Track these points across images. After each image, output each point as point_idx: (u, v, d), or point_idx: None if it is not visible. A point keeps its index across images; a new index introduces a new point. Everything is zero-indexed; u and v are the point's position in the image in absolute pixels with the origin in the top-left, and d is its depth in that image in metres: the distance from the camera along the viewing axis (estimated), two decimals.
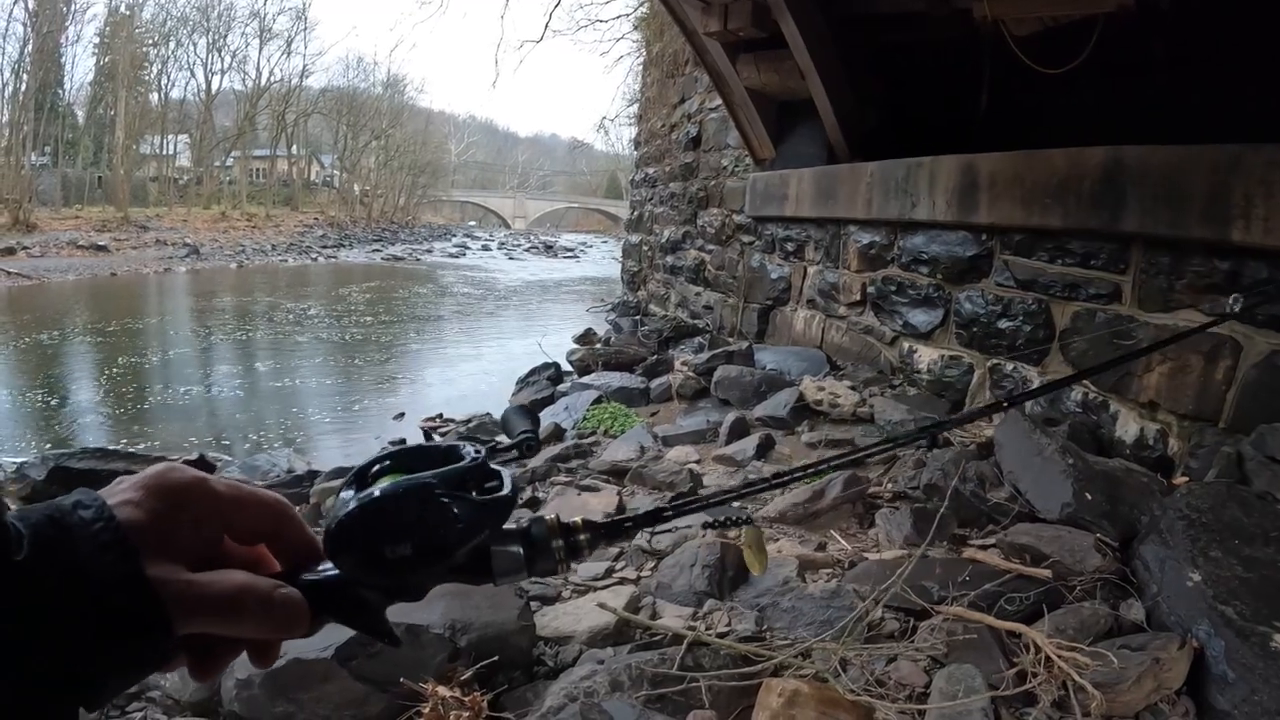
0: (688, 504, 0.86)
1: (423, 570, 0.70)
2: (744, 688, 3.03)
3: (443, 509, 0.70)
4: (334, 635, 3.19)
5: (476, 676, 3.15)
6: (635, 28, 20.33)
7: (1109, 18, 6.20)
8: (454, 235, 71.64)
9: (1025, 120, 7.23)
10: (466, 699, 2.95)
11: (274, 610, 0.66)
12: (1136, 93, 6.43)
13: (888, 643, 3.35)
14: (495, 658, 3.23)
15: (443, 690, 2.93)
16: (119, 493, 0.64)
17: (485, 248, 58.95)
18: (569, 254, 54.70)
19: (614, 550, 4.61)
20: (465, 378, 14.04)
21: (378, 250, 52.07)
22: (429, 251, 53.48)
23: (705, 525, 4.58)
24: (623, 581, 4.28)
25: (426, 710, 2.92)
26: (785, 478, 1.01)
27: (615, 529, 0.79)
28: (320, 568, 0.72)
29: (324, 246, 51.68)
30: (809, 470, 1.08)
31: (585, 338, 14.65)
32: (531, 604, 3.90)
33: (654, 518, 0.83)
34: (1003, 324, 6.30)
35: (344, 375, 14.68)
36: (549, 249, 58.02)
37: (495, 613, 3.45)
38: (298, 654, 3.16)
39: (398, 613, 3.16)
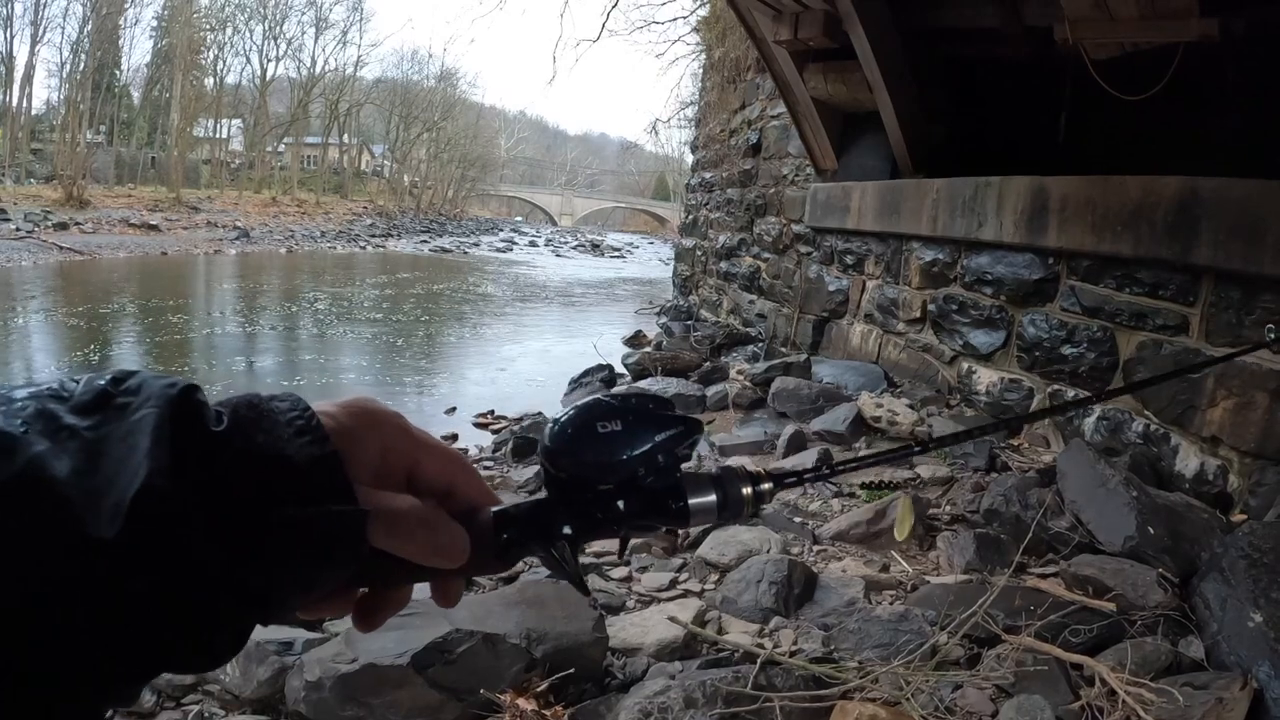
0: (846, 463, 0.90)
1: (622, 489, 0.68)
2: (816, 709, 3.05)
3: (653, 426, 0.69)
4: (411, 641, 3.22)
5: (551, 688, 3.15)
6: (694, 30, 20.29)
7: (1188, 46, 6.14)
8: (501, 229, 71.97)
9: (1094, 144, 7.19)
10: (547, 712, 2.94)
11: (439, 527, 0.64)
12: (1206, 121, 6.37)
13: (955, 670, 3.37)
14: (571, 669, 3.23)
15: (522, 702, 2.93)
16: (315, 406, 0.62)
17: (532, 244, 59.18)
18: (616, 254, 54.76)
19: (677, 562, 4.65)
20: (515, 376, 13.98)
21: (425, 241, 52.48)
22: (476, 245, 53.77)
23: (863, 485, 4.68)
24: (687, 594, 4.29)
25: None
26: (945, 439, 1.15)
27: (793, 481, 0.81)
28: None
29: (373, 235, 52.20)
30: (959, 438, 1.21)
31: (635, 340, 14.72)
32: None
33: (820, 474, 0.88)
34: (1066, 350, 6.24)
35: (389, 367, 14.65)
36: (596, 248, 58.15)
37: (570, 623, 3.44)
38: (373, 659, 3.16)
39: (472, 621, 3.25)
